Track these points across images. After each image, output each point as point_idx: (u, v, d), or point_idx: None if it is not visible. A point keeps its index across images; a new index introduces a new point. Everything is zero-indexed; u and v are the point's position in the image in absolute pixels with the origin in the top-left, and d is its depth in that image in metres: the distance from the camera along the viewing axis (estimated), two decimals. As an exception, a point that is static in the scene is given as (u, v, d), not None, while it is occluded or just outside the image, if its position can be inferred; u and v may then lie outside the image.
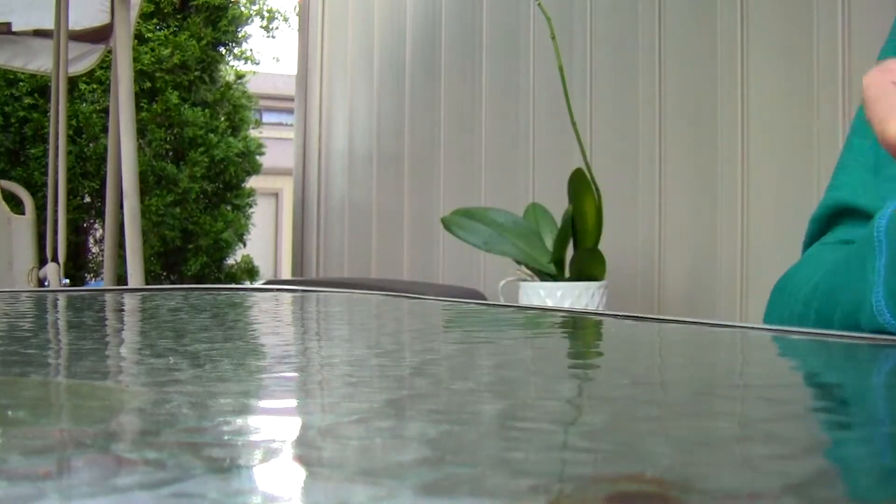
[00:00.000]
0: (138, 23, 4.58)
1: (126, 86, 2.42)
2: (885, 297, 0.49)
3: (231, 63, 6.97)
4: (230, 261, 6.72)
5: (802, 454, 0.21)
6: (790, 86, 1.62)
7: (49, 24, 2.93)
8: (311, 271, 3.81)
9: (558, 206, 1.65)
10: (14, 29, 3.16)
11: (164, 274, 6.26)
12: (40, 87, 5.69)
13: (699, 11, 1.79)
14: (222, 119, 6.54)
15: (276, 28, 16.72)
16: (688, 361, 0.41)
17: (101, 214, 5.56)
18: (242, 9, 6.95)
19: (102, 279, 3.72)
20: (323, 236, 3.74)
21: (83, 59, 3.29)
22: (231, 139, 6.47)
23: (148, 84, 6.08)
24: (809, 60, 1.57)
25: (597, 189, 1.55)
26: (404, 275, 2.96)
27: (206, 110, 6.34)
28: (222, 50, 6.66)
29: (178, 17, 6.41)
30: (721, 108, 1.73)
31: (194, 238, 6.24)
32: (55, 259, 2.75)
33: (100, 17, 3.05)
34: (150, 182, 5.96)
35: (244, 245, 6.76)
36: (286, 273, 9.18)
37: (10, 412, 0.25)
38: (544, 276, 1.51)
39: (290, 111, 4.89)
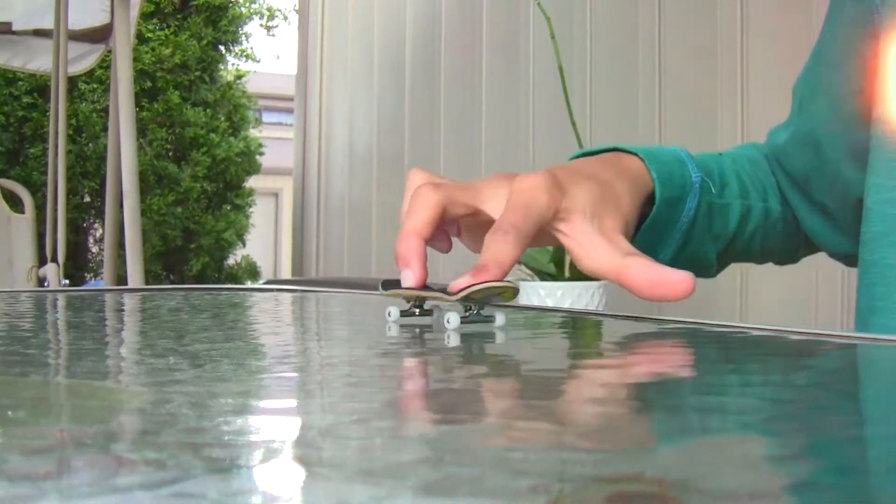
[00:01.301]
0: (139, 22, 4.58)
1: (126, 86, 2.42)
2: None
3: (231, 62, 6.97)
4: (230, 261, 6.73)
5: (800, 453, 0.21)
6: (790, 85, 1.62)
7: (49, 24, 2.93)
8: (311, 271, 3.81)
9: (558, 206, 1.64)
10: (14, 29, 3.16)
11: (165, 274, 6.26)
12: (40, 87, 5.69)
13: (699, 11, 1.79)
14: (222, 119, 6.54)
15: (277, 26, 16.71)
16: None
17: (100, 214, 5.56)
18: (242, 9, 6.95)
19: (102, 279, 3.72)
20: (323, 236, 3.74)
21: (83, 59, 3.29)
22: (231, 139, 6.48)
23: (149, 84, 6.08)
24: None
25: (597, 189, 1.54)
26: (404, 275, 2.96)
27: (207, 110, 6.34)
28: (222, 49, 6.66)
29: (179, 16, 6.42)
30: (721, 108, 1.73)
31: (196, 238, 6.24)
32: (55, 259, 2.75)
33: (100, 16, 3.05)
34: (151, 182, 5.97)
35: (244, 245, 6.78)
36: (286, 273, 9.19)
37: (10, 412, 0.25)
38: (544, 275, 1.50)
39: (290, 111, 4.89)
